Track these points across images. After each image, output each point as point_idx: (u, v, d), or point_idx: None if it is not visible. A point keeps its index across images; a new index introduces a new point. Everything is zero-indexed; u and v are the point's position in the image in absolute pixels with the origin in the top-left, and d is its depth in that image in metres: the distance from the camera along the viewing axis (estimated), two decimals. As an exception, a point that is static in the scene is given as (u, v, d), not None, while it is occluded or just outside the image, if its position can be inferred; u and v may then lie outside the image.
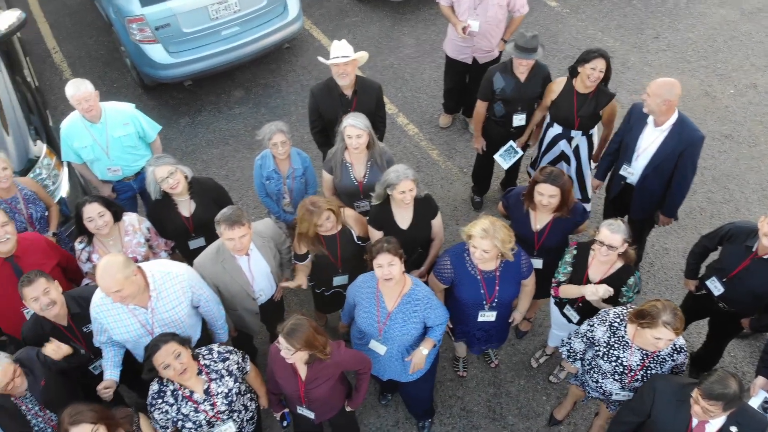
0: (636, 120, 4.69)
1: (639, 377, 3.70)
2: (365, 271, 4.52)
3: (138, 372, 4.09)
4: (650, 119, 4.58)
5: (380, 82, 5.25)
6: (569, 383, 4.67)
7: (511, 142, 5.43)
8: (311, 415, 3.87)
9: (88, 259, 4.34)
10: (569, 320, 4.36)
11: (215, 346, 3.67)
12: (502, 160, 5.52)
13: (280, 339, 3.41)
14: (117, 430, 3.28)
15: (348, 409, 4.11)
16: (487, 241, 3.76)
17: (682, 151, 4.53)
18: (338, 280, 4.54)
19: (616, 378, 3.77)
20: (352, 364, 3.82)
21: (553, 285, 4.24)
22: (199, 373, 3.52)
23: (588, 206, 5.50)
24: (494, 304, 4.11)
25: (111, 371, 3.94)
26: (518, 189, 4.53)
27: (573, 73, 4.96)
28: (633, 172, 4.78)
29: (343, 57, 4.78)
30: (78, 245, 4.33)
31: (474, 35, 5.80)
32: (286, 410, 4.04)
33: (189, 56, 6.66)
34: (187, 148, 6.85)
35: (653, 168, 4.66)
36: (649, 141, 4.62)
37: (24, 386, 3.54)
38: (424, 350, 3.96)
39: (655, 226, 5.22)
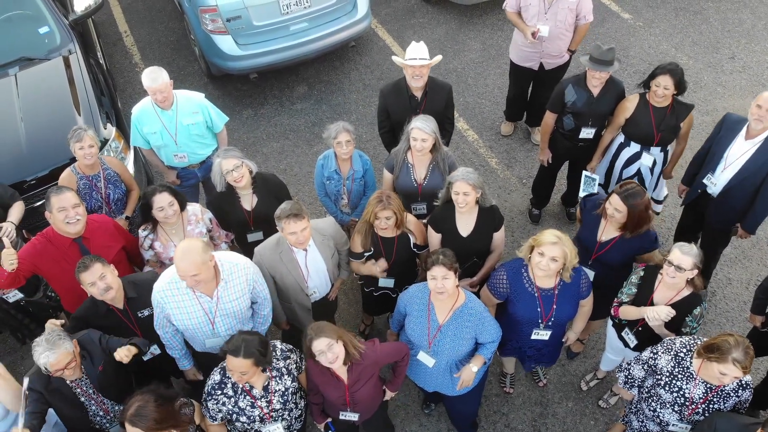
0: (727, 130, 4.56)
1: (700, 410, 3.57)
2: (412, 277, 4.50)
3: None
4: (742, 131, 4.46)
5: (444, 85, 5.19)
6: (621, 410, 4.54)
7: (584, 173, 5.22)
8: (355, 417, 3.85)
9: (151, 247, 4.40)
10: (626, 344, 4.24)
11: (278, 343, 3.68)
12: (586, 193, 5.34)
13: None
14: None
15: (387, 393, 4.05)
16: (557, 248, 3.67)
17: None
18: (383, 282, 4.53)
19: (676, 409, 3.64)
20: (390, 358, 3.79)
21: (614, 305, 4.12)
22: (263, 369, 3.54)
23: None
24: (550, 323, 4.01)
25: (185, 362, 4.12)
26: (601, 195, 4.47)
27: (647, 87, 4.84)
28: (716, 182, 4.65)
29: (422, 59, 4.76)
30: (141, 232, 4.38)
31: (543, 40, 5.70)
32: (329, 420, 4.01)
33: (257, 49, 6.73)
34: (248, 140, 6.92)
35: (739, 181, 4.52)
36: (739, 153, 4.48)
37: (78, 372, 3.60)
38: (474, 367, 3.90)
39: (731, 242, 5.10)
